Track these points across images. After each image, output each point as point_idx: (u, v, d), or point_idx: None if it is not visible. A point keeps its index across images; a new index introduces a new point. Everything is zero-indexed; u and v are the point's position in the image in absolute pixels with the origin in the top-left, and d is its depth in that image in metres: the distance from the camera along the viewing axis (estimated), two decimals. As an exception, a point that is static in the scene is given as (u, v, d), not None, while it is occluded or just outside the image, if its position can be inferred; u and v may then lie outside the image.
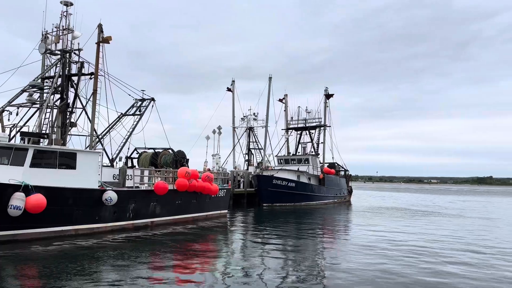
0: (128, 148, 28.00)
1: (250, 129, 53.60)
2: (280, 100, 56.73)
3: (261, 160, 51.11)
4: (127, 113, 28.38)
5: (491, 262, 15.85)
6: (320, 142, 54.71)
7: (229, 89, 53.50)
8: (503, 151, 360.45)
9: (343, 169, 60.67)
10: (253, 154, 54.40)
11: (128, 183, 23.57)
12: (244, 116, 53.14)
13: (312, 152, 53.35)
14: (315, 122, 54.78)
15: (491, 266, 15.01)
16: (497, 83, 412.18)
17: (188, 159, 29.92)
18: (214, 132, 37.11)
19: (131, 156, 29.23)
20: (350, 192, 60.60)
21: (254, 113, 52.83)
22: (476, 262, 15.72)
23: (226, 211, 31.70)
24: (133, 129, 27.53)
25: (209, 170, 32.74)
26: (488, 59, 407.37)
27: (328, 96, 56.44)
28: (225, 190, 31.48)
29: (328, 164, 55.93)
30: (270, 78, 50.53)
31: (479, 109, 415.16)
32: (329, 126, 55.93)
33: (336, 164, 58.08)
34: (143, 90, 28.75)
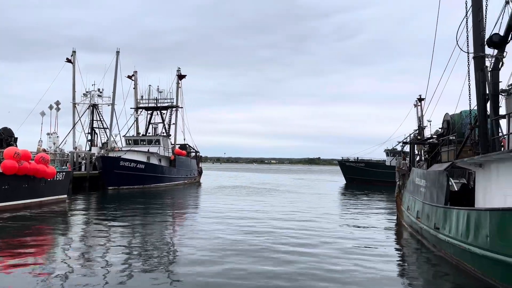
0: None
1: (94, 106, 49.63)
2: (129, 77, 53.77)
3: (107, 140, 47.97)
4: None
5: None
6: (172, 123, 54.15)
7: (69, 60, 48.11)
8: (329, 136, 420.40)
9: (194, 151, 61.24)
10: (97, 134, 50.73)
11: None
12: (87, 92, 48.80)
13: (163, 133, 52.41)
14: (167, 102, 53.83)
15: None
16: (328, 76, 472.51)
17: (16, 138, 26.21)
18: (50, 107, 32.86)
19: None
20: (200, 173, 61.73)
21: (99, 89, 48.97)
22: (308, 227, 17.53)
23: (65, 196, 28.81)
24: None
25: (44, 150, 29.11)
26: (323, 54, 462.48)
27: (180, 76, 55.75)
28: (64, 173, 28.44)
29: (179, 146, 55.68)
30: (117, 52, 47.39)
31: (313, 98, 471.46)
32: (181, 107, 55.57)
33: (187, 146, 58.28)
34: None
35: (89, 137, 50.01)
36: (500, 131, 12.80)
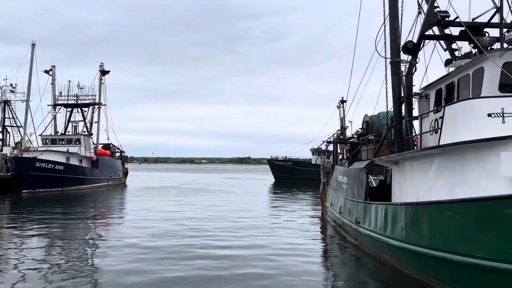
0: None
1: (6, 103, 45.81)
2: (47, 72, 50.17)
3: (20, 140, 44.32)
4: None
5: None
6: (94, 121, 51.52)
7: (-24, 52, 43.72)
8: (259, 135, 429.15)
9: (119, 150, 58.91)
10: (9, 133, 46.87)
11: None
12: (-2, 87, 44.75)
13: (84, 132, 49.62)
14: (89, 99, 51.01)
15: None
16: (259, 76, 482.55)
17: None
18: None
19: None
20: (126, 173, 59.48)
21: (11, 84, 45.29)
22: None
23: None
24: None
25: None
26: (254, 55, 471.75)
27: (103, 72, 53.23)
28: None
29: (102, 145, 53.20)
30: (33, 45, 43.94)
31: (244, 98, 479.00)
32: (105, 105, 53.09)
33: (111, 145, 55.94)
34: None
35: (1, 136, 46.04)
36: (413, 131, 13.84)
